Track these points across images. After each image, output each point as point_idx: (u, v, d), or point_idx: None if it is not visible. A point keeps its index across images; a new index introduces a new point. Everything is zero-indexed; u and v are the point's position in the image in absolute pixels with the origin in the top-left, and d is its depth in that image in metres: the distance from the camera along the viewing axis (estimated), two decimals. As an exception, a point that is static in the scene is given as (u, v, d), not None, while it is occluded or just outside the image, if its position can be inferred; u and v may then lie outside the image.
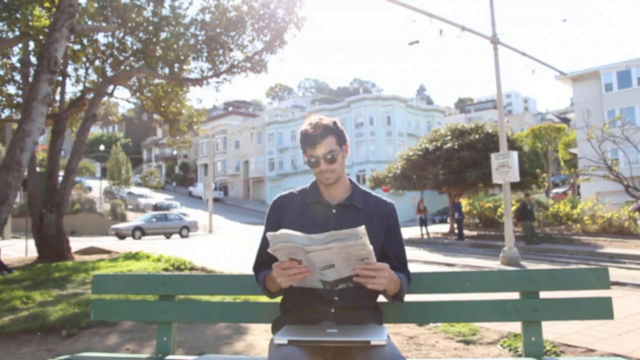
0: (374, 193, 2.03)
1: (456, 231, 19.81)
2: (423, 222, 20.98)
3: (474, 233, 21.06)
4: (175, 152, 61.88)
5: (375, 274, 1.64)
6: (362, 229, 1.56)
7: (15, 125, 10.77)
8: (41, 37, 9.25)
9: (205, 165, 58.35)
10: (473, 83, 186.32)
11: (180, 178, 65.23)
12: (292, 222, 1.90)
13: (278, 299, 2.01)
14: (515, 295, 2.10)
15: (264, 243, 1.99)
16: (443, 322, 4.16)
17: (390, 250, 1.96)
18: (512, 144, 19.24)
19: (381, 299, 1.96)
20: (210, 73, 12.79)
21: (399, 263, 1.96)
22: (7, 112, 13.02)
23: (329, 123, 1.90)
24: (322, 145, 1.86)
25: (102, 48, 12.98)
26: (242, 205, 51.51)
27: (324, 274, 1.66)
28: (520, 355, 2.87)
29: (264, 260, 1.94)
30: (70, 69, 12.75)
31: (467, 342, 3.86)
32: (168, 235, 25.02)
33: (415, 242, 19.30)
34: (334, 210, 1.92)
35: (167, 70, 12.69)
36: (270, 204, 2.02)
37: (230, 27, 11.91)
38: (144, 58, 12.52)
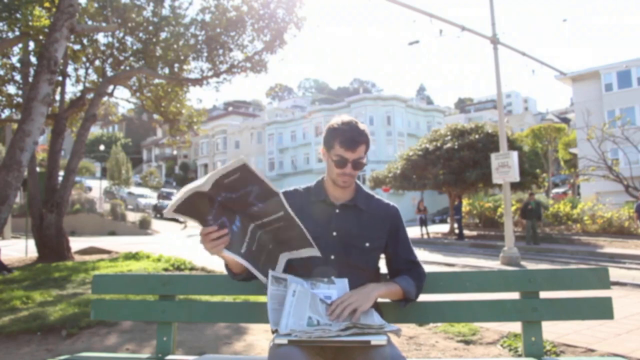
0: (377, 196, 2.04)
1: (456, 231, 19.82)
2: (423, 222, 20.98)
3: (474, 233, 21.05)
4: (175, 152, 61.86)
5: (343, 306, 1.68)
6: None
7: (15, 125, 10.75)
8: (41, 37, 9.23)
9: (205, 165, 58.41)
10: (473, 83, 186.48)
11: (180, 178, 65.17)
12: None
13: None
14: (515, 295, 2.10)
15: None
16: (443, 322, 4.16)
17: (400, 252, 1.98)
18: (512, 144, 19.22)
19: (381, 298, 1.96)
20: (210, 73, 12.78)
21: (409, 264, 1.98)
22: (7, 112, 13.02)
23: (365, 130, 1.89)
24: (357, 150, 1.85)
25: (102, 48, 12.96)
26: (242, 205, 51.44)
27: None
28: (520, 355, 2.87)
29: None
30: (70, 69, 12.75)
31: (467, 342, 3.87)
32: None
33: (415, 242, 19.27)
34: (337, 210, 1.93)
35: (167, 70, 12.68)
36: None
37: (230, 27, 11.90)
38: (144, 58, 12.51)
